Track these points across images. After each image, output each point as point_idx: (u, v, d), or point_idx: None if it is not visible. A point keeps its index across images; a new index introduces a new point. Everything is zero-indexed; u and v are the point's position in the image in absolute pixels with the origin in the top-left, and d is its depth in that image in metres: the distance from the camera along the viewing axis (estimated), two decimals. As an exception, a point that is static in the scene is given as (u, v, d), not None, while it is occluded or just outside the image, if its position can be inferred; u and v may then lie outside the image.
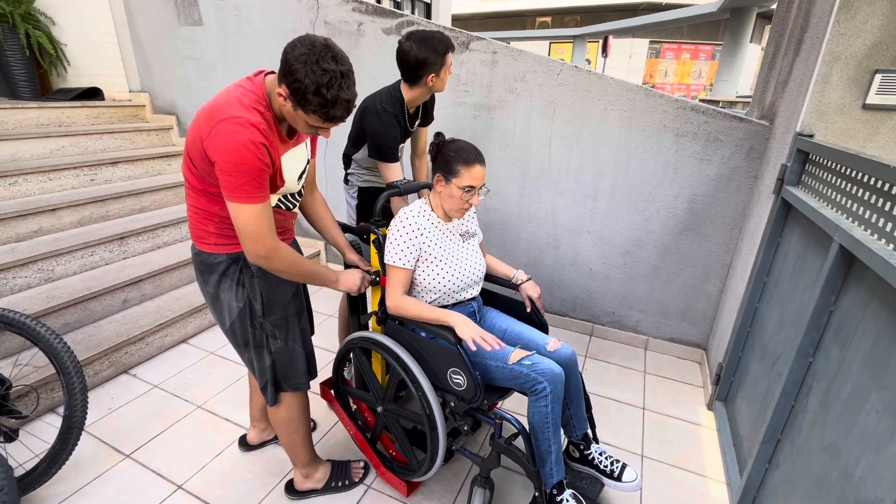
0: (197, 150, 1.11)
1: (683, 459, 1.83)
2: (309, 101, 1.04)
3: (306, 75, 1.01)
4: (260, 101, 1.11)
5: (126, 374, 2.22)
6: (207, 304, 1.37)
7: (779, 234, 1.68)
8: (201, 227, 1.25)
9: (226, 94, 1.11)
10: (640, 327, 2.61)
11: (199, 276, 1.33)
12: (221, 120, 1.06)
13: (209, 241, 1.26)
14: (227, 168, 1.07)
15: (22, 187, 2.57)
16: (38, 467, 1.52)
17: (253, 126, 1.06)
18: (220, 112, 1.07)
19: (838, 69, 1.46)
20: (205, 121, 1.09)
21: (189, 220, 1.28)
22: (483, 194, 1.45)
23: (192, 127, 1.13)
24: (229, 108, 1.07)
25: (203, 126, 1.09)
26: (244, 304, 1.30)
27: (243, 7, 2.92)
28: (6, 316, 1.52)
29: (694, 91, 18.05)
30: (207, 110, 1.10)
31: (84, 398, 1.54)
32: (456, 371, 1.34)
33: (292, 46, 1.03)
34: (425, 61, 1.65)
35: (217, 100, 1.11)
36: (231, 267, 1.28)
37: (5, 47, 3.16)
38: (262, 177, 1.11)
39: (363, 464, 1.70)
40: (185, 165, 1.19)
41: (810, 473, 1.11)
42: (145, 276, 2.49)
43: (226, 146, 1.05)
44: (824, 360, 1.16)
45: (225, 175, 1.08)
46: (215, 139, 1.06)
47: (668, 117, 2.18)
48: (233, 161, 1.06)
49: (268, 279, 1.30)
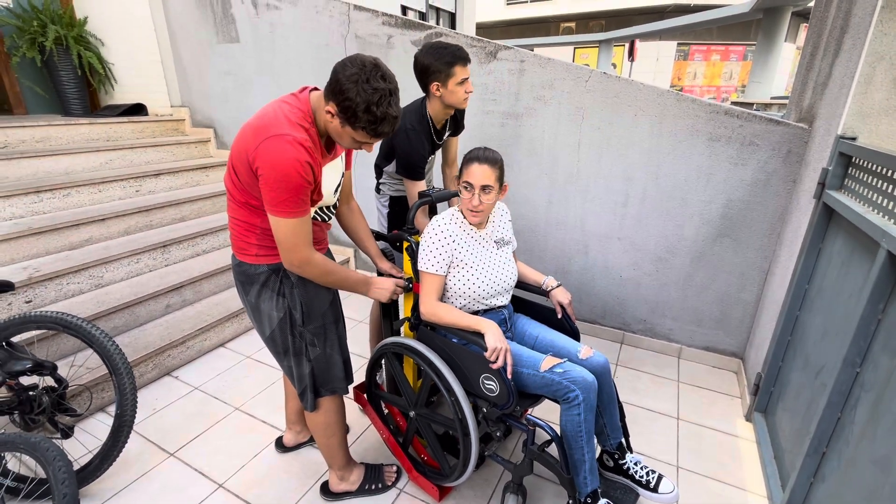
0: (242, 164, 1.16)
1: (721, 472, 1.78)
2: (359, 117, 1.09)
3: (357, 94, 1.06)
4: (305, 118, 1.16)
5: (169, 375, 2.33)
6: (248, 313, 1.42)
7: (820, 239, 1.63)
8: (243, 239, 1.29)
9: (273, 110, 1.16)
10: (673, 335, 2.56)
11: (240, 287, 1.37)
12: (270, 136, 1.10)
13: (251, 253, 1.30)
14: (272, 184, 1.11)
15: (74, 198, 2.73)
16: (92, 463, 1.61)
17: (300, 144, 1.11)
18: (267, 128, 1.12)
19: (882, 69, 1.42)
20: (252, 136, 1.13)
21: (231, 231, 1.33)
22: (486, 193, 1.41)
23: (238, 140, 1.17)
24: (277, 124, 1.12)
25: (250, 141, 1.13)
26: (284, 314, 1.34)
27: (277, 24, 3.04)
28: (65, 320, 1.62)
29: (725, 93, 17.56)
30: (255, 125, 1.15)
31: (134, 398, 1.63)
32: (488, 377, 1.36)
33: (343, 66, 1.08)
34: (428, 68, 1.66)
35: (264, 115, 1.16)
36: (271, 277, 1.32)
37: (59, 68, 3.38)
38: (304, 193, 1.16)
39: (396, 468, 1.73)
40: (228, 178, 1.24)
41: (860, 488, 1.07)
42: (186, 283, 2.61)
43: (272, 163, 1.09)
44: (873, 369, 1.12)
45: (269, 190, 1.13)
46: (263, 155, 1.10)
47: (700, 122, 2.14)
48: (278, 178, 1.10)
49: (307, 289, 1.34)
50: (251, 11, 3.11)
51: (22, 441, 1.31)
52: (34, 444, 1.30)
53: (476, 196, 1.42)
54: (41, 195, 2.58)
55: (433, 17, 7.59)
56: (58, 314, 1.63)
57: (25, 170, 2.73)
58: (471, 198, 1.42)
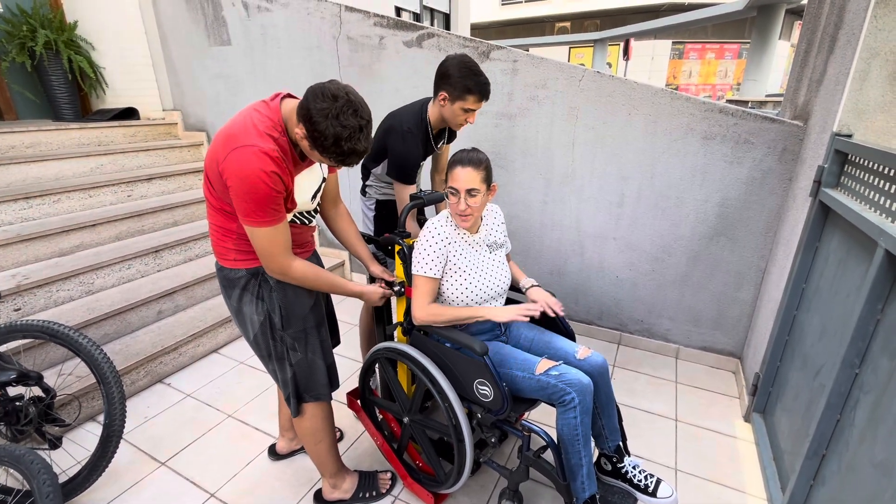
0: (213, 173, 1.17)
1: (720, 474, 1.76)
2: (327, 148, 1.09)
3: (326, 128, 1.05)
4: (275, 127, 1.15)
5: (161, 383, 2.29)
6: (232, 317, 1.42)
7: (817, 238, 1.61)
8: (221, 244, 1.30)
9: (242, 119, 1.15)
10: (671, 336, 2.54)
11: (223, 291, 1.38)
12: (236, 147, 1.10)
13: (229, 258, 1.31)
14: (241, 195, 1.11)
15: (65, 204, 2.70)
16: (80, 474, 1.58)
17: (265, 155, 1.10)
18: (235, 139, 1.11)
19: (877, 66, 1.40)
20: (221, 146, 1.13)
21: (210, 237, 1.33)
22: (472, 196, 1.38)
23: (210, 150, 1.18)
24: (245, 135, 1.12)
25: (220, 151, 1.13)
26: (264, 318, 1.34)
27: (269, 26, 3.02)
28: (51, 328, 1.59)
29: (720, 91, 17.60)
30: (224, 135, 1.15)
31: (122, 407, 1.60)
32: (482, 382, 1.33)
33: (314, 96, 1.05)
34: (448, 78, 1.64)
35: (234, 125, 1.15)
36: (251, 281, 1.32)
37: (50, 72, 3.35)
38: (275, 202, 1.15)
39: (390, 475, 1.70)
40: (204, 185, 1.24)
41: (861, 491, 1.05)
42: (178, 288, 2.58)
43: (239, 174, 1.09)
44: (872, 371, 1.10)
45: (239, 200, 1.13)
46: (230, 166, 1.10)
47: (695, 120, 2.13)
48: (246, 189, 1.10)
49: (286, 293, 1.33)
50: (242, 14, 3.08)
51: (6, 454, 1.28)
52: (18, 457, 1.27)
53: (462, 200, 1.38)
54: (31, 201, 2.55)
55: (427, 18, 7.57)
56: (43, 323, 1.60)
57: (15, 175, 2.69)
58: (457, 202, 1.39)
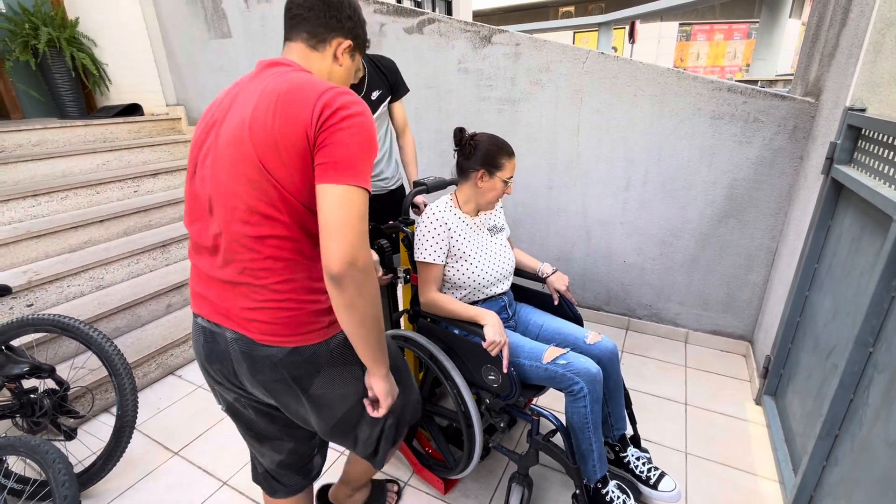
0: (294, 132, 0.79)
1: (731, 457, 1.75)
2: (364, 37, 1.04)
3: (356, 10, 1.01)
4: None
5: (172, 374, 2.32)
6: (290, 410, 0.96)
7: (829, 216, 1.58)
8: (307, 306, 0.87)
9: (298, 77, 0.87)
10: (680, 320, 2.52)
11: (293, 382, 0.90)
12: (329, 88, 0.82)
13: (321, 323, 0.88)
14: (358, 135, 0.80)
15: (73, 201, 2.72)
16: (95, 464, 1.61)
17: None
18: (316, 84, 0.83)
19: (892, 36, 1.35)
20: (298, 96, 0.81)
21: (274, 305, 0.85)
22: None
23: (277, 113, 0.80)
24: (321, 82, 0.85)
25: (301, 98, 0.81)
26: (361, 377, 0.96)
27: (269, 16, 2.99)
28: (62, 322, 1.61)
29: (729, 73, 17.24)
30: (287, 90, 0.82)
31: (134, 399, 1.62)
32: (490, 368, 1.33)
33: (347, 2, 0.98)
34: None
35: (293, 79, 0.85)
36: (336, 345, 0.92)
37: (53, 70, 3.36)
38: None
39: (397, 487, 1.65)
40: (253, 187, 0.81)
41: (874, 471, 1.04)
42: (187, 281, 2.60)
43: (359, 104, 0.83)
44: (886, 349, 1.08)
45: (353, 147, 0.79)
46: (341, 98, 0.81)
47: (702, 100, 2.08)
48: (366, 128, 0.81)
49: None
50: (241, 5, 3.06)
51: (22, 444, 1.31)
52: (34, 447, 1.29)
53: (510, 187, 1.48)
54: (39, 199, 2.57)
55: (429, 5, 7.48)
56: (55, 317, 1.62)
57: (23, 174, 2.72)
58: (505, 189, 1.46)
